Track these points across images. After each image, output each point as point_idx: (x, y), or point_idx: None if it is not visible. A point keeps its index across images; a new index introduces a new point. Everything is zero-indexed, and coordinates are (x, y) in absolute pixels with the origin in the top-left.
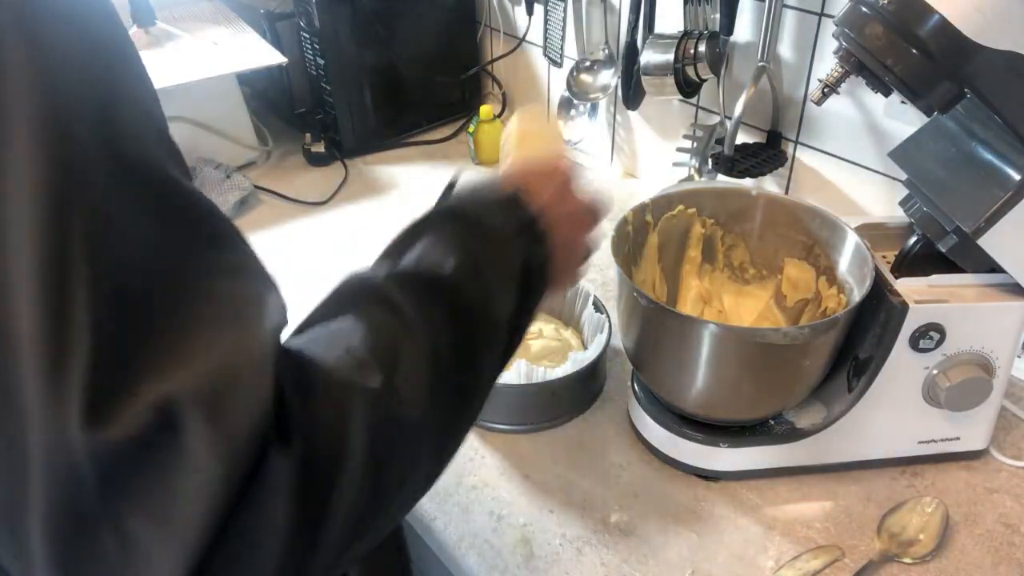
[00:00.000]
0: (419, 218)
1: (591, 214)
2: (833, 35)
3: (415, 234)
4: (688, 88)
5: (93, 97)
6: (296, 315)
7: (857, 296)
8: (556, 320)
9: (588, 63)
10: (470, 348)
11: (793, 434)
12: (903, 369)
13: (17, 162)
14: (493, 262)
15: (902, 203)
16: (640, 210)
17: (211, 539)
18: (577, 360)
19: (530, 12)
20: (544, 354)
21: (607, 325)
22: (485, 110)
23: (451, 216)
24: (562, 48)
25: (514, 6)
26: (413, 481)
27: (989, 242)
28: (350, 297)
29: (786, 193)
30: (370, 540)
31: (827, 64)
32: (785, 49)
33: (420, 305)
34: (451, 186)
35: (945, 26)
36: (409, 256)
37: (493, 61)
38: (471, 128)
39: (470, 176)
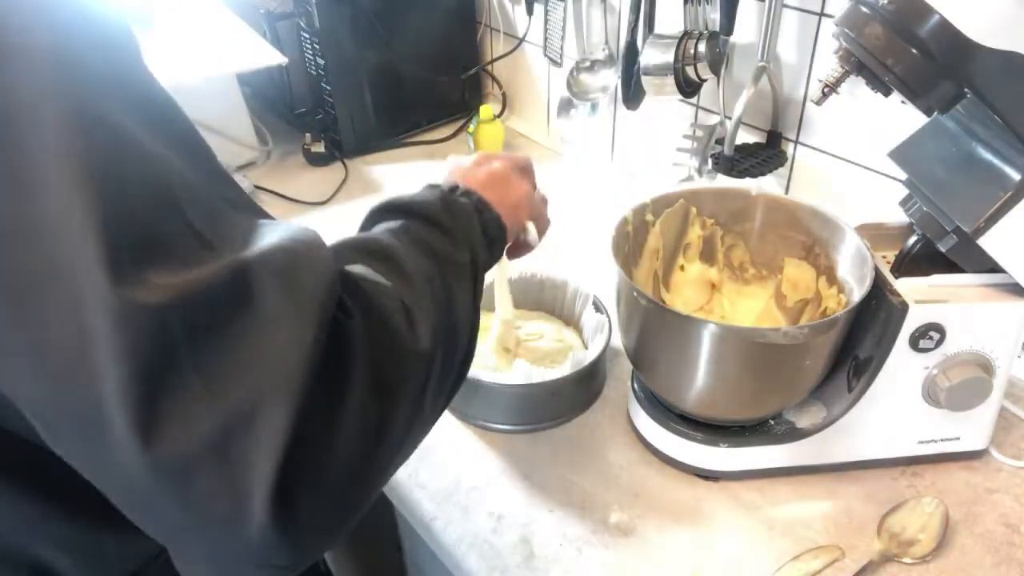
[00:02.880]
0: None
1: (512, 165)
2: (833, 35)
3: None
4: (688, 88)
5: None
6: None
7: (857, 296)
8: (557, 320)
9: (588, 63)
10: (447, 282)
11: (793, 434)
12: (903, 369)
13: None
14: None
15: (902, 203)
16: (640, 210)
17: (305, 402)
18: (577, 360)
19: (530, 12)
20: (545, 355)
21: (607, 325)
22: (485, 110)
23: (388, 209)
24: (562, 48)
25: (514, 6)
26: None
27: (989, 242)
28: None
29: (786, 193)
30: (403, 456)
31: (827, 64)
32: (785, 49)
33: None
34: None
35: (945, 26)
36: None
37: (493, 61)
38: (471, 128)
39: None
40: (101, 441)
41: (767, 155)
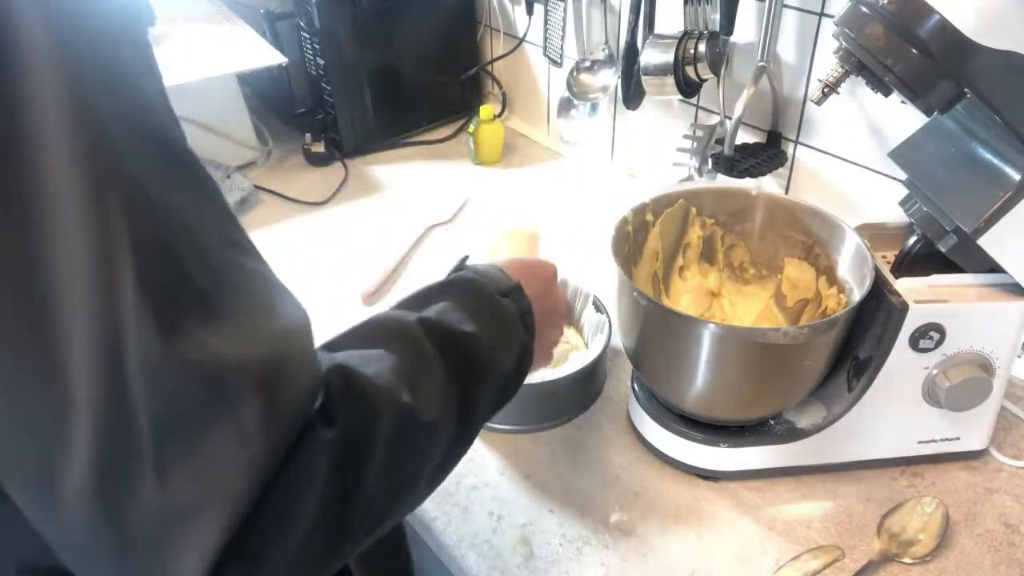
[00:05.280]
0: (441, 281)
1: (562, 312)
2: (833, 35)
3: (438, 293)
4: (688, 88)
5: (111, 76)
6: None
7: (857, 296)
8: None
9: (588, 63)
10: (474, 391)
11: (793, 434)
12: (903, 369)
13: (54, 146)
14: (498, 335)
15: (902, 203)
16: (640, 210)
17: (248, 511)
18: (577, 360)
19: (530, 12)
20: None
21: (607, 325)
22: (485, 110)
23: (470, 287)
24: (562, 48)
25: (514, 6)
26: (421, 481)
27: (989, 242)
28: (381, 332)
29: (786, 193)
30: (381, 531)
31: (827, 64)
32: (785, 49)
33: (440, 349)
34: (463, 261)
35: (945, 26)
36: (432, 309)
37: (493, 61)
38: (471, 128)
39: (478, 259)
40: (52, 499)
41: (767, 155)
